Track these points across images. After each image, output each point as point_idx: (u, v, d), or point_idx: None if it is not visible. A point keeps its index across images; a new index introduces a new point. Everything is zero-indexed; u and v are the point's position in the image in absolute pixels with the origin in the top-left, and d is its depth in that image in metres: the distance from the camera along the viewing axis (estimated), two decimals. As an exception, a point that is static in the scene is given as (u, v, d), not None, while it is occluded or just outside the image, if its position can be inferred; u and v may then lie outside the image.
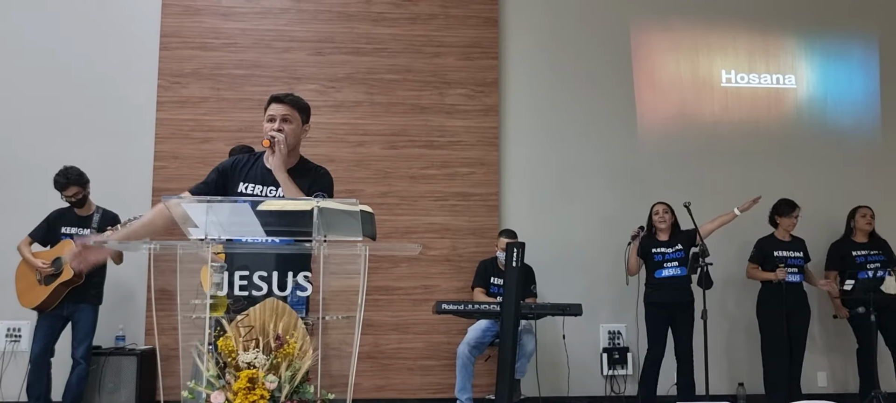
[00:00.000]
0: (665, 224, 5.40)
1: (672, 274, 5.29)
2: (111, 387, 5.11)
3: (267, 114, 2.99)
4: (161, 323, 3.91)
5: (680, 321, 5.27)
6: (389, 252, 5.55)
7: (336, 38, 6.02)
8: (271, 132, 2.88)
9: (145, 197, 5.65)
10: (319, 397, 2.31)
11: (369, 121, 5.97)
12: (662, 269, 5.31)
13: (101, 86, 5.80)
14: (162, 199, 2.40)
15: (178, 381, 2.42)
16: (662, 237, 5.41)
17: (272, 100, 3.01)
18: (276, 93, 3.04)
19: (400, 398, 5.72)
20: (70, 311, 4.85)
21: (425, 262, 5.86)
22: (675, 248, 5.35)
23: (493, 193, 6.03)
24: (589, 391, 5.86)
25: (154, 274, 2.83)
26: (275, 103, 2.99)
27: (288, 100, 3.00)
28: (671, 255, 5.33)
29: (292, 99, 3.02)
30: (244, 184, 2.91)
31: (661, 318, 5.27)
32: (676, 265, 5.31)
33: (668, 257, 5.33)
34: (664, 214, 5.41)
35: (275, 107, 2.97)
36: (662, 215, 5.40)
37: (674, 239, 5.40)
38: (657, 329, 5.27)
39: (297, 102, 3.02)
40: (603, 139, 6.20)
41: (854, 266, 5.52)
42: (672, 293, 5.26)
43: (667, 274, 5.29)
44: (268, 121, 2.97)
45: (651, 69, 6.38)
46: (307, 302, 2.50)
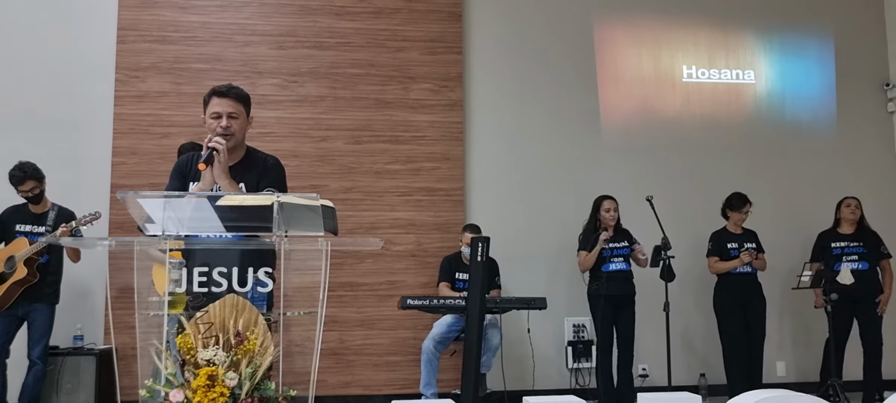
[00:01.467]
0: (613, 220, 5.44)
1: (618, 269, 5.35)
2: (69, 388, 5.00)
3: (210, 110, 2.83)
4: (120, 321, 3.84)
5: (623, 314, 5.34)
6: (352, 247, 5.51)
7: (298, 31, 5.96)
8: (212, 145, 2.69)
9: (103, 193, 5.54)
10: (281, 394, 2.28)
11: (333, 115, 5.93)
12: (610, 263, 5.35)
13: (57, 80, 5.66)
14: (117, 195, 2.35)
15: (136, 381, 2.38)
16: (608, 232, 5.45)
17: (214, 94, 2.84)
18: (217, 87, 2.88)
19: (365, 394, 5.70)
20: (25, 311, 4.73)
21: (390, 258, 5.84)
22: (621, 244, 5.41)
23: (457, 188, 6.03)
24: (554, 384, 5.90)
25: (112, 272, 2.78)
26: (218, 97, 2.83)
27: (232, 93, 2.85)
28: (618, 251, 5.38)
29: (236, 92, 2.87)
30: (193, 183, 2.82)
31: (609, 310, 5.32)
32: (622, 260, 5.37)
33: (615, 252, 5.37)
34: (614, 212, 5.44)
35: (219, 102, 2.82)
36: (612, 212, 5.44)
37: (619, 234, 5.45)
38: (606, 320, 5.32)
39: (240, 95, 2.88)
40: (567, 134, 6.24)
41: (831, 257, 5.60)
42: (617, 286, 5.31)
43: (614, 269, 5.34)
44: (213, 118, 2.82)
45: (614, 64, 6.44)
46: (269, 298, 2.46)
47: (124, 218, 5.41)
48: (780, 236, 6.06)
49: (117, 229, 5.42)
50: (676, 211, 5.88)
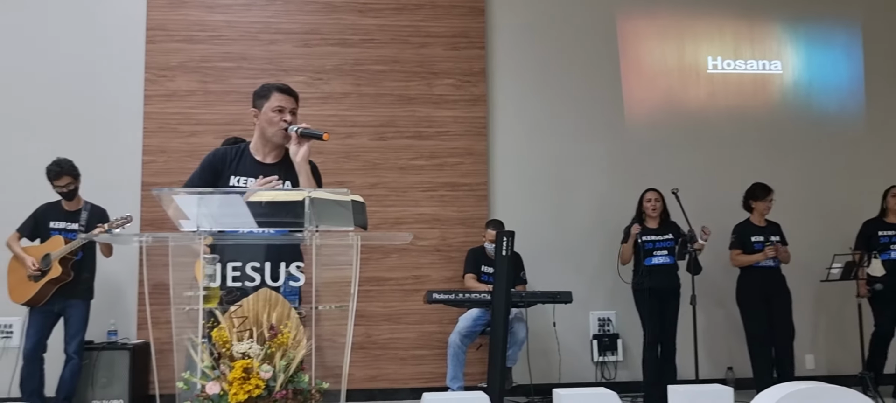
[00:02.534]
0: (656, 212, 5.43)
1: (661, 263, 5.33)
2: (104, 382, 5.11)
3: (274, 104, 2.95)
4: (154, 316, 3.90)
5: (667, 307, 5.32)
6: (380, 241, 5.56)
7: (323, 29, 6.01)
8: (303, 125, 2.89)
9: (134, 191, 5.64)
10: (314, 386, 2.32)
11: (357, 112, 5.97)
12: (652, 257, 5.34)
13: (88, 80, 5.76)
14: (152, 192, 2.40)
15: (172, 374, 2.43)
16: (652, 224, 5.45)
17: (280, 90, 2.98)
18: (278, 84, 3.02)
19: (392, 387, 5.75)
20: (61, 307, 4.84)
21: (415, 252, 5.88)
22: (665, 237, 5.39)
23: (481, 183, 6.05)
24: (580, 377, 5.91)
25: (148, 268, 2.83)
26: (283, 94, 2.97)
27: (291, 92, 3.02)
28: (661, 244, 5.36)
29: (295, 92, 3.04)
30: (235, 177, 2.90)
31: (653, 303, 5.31)
32: (666, 253, 5.35)
33: (658, 245, 5.36)
34: (656, 202, 5.44)
35: (283, 97, 2.96)
36: (654, 203, 5.43)
37: (664, 227, 5.43)
38: (651, 314, 5.31)
39: (296, 95, 3.05)
40: (590, 127, 6.23)
41: (878, 246, 5.52)
42: (661, 279, 5.30)
43: (656, 263, 5.32)
44: (276, 111, 2.94)
45: (637, 57, 6.41)
46: (300, 292, 2.51)
47: (155, 216, 5.53)
48: (807, 229, 6.00)
49: (148, 226, 5.52)
50: (703, 204, 5.85)
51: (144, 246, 2.38)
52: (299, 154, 2.88)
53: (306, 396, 2.28)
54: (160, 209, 5.55)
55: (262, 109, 2.97)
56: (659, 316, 5.32)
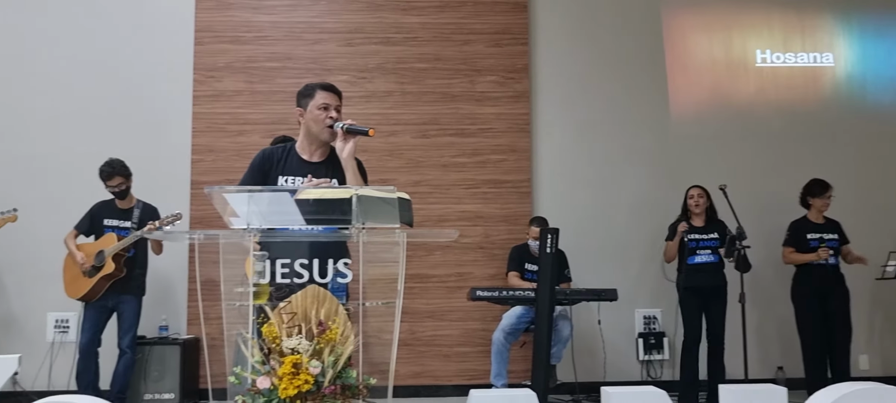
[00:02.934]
0: (700, 208, 5.34)
1: (706, 261, 5.24)
2: (156, 376, 5.23)
3: (319, 101, 2.99)
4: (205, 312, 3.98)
5: (713, 306, 5.23)
6: (426, 238, 5.58)
7: (366, 28, 6.05)
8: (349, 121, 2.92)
9: (183, 190, 5.76)
10: (361, 382, 2.34)
11: (400, 110, 6.01)
12: (696, 255, 5.25)
13: (139, 81, 5.90)
14: (205, 190, 2.45)
15: (223, 368, 2.48)
16: (697, 222, 5.36)
17: (324, 88, 3.02)
18: (322, 83, 3.06)
19: (436, 384, 5.77)
20: (115, 302, 4.97)
21: (458, 250, 5.88)
22: (711, 236, 5.30)
23: (524, 180, 6.03)
24: (625, 376, 5.85)
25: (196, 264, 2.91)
26: (328, 92, 3.01)
27: (336, 90, 3.06)
28: (705, 242, 5.27)
29: (339, 89, 3.08)
30: (283, 177, 2.95)
31: (696, 303, 5.23)
32: (710, 252, 5.26)
33: (702, 244, 5.27)
34: (699, 198, 5.35)
35: (328, 95, 3.01)
36: (697, 199, 5.35)
37: (709, 225, 5.34)
38: (692, 314, 5.24)
39: (340, 93, 3.09)
40: (635, 122, 6.16)
41: None
42: (706, 278, 5.21)
43: (700, 261, 5.23)
44: (321, 108, 2.98)
45: (683, 51, 6.31)
46: (347, 288, 2.53)
47: (203, 213, 5.64)
48: (861, 226, 5.81)
49: (197, 224, 5.63)
50: (752, 201, 5.74)
51: (196, 244, 2.43)
52: (346, 150, 2.91)
53: (354, 391, 2.31)
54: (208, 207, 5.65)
55: (307, 108, 3.01)
56: (702, 316, 5.23)
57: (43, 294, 5.46)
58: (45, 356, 5.43)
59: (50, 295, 5.32)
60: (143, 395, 5.18)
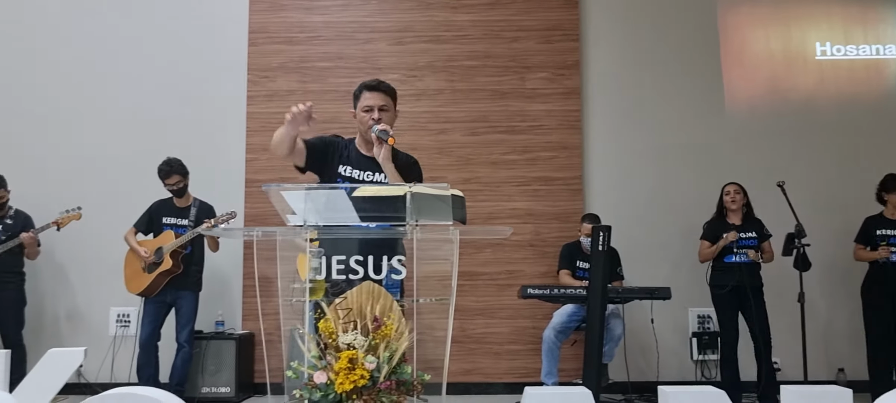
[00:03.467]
0: (737, 205, 5.21)
1: (742, 260, 5.10)
2: (213, 370, 5.36)
3: (362, 104, 3.03)
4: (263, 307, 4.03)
5: (751, 305, 5.07)
6: (480, 236, 5.57)
7: (416, 26, 6.08)
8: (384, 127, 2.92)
9: (238, 188, 5.88)
10: (416, 378, 2.36)
11: (450, 108, 6.02)
12: (733, 255, 5.12)
13: (195, 83, 6.04)
14: (262, 188, 2.50)
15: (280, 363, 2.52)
16: (733, 220, 5.23)
17: (365, 88, 3.04)
18: (367, 82, 3.07)
19: (486, 382, 5.77)
20: (173, 297, 5.11)
21: (509, 247, 5.87)
22: (748, 235, 5.16)
23: (575, 177, 5.98)
24: (679, 376, 5.76)
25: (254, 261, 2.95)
26: (369, 92, 3.02)
27: (383, 88, 3.04)
28: (743, 241, 5.14)
29: (386, 86, 3.06)
30: (343, 166, 3.01)
31: (729, 302, 5.11)
32: (746, 252, 5.13)
33: (740, 243, 5.13)
34: (736, 195, 5.22)
35: (370, 95, 3.02)
36: (734, 195, 5.22)
37: (747, 223, 5.21)
38: (726, 312, 5.13)
39: (389, 90, 3.08)
40: (689, 118, 6.05)
41: None
42: (739, 277, 5.06)
43: (736, 260, 5.10)
44: (365, 111, 3.01)
45: (739, 44, 6.18)
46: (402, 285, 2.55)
47: (258, 211, 5.75)
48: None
49: (251, 221, 5.74)
50: (814, 197, 5.59)
51: (255, 240, 2.48)
52: (380, 154, 2.94)
53: (409, 387, 2.33)
54: (262, 204, 5.79)
55: (356, 109, 3.08)
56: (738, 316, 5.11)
57: (105, 289, 5.65)
58: (107, 349, 5.60)
59: (112, 291, 5.50)
60: (201, 388, 5.31)
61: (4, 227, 5.20)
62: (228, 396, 5.32)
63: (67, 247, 5.76)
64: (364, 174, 2.99)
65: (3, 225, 5.21)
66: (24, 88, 6.01)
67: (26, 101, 5.99)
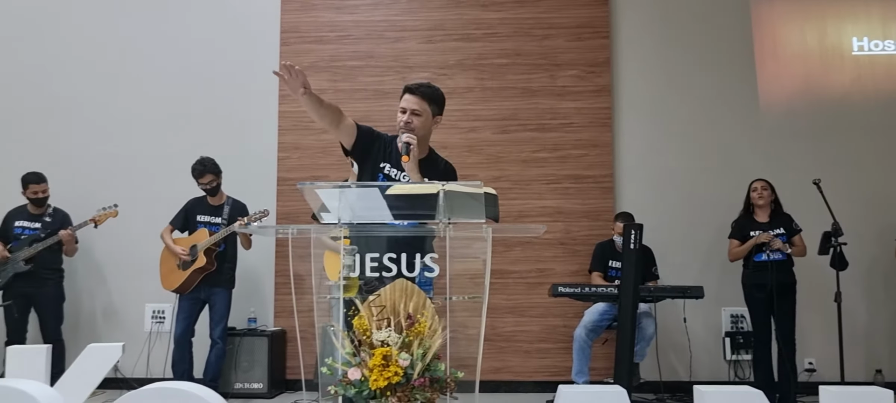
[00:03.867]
0: (764, 201, 5.13)
1: (773, 258, 5.01)
2: (245, 366, 5.42)
3: (400, 105, 3.03)
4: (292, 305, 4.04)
5: (779, 305, 5.00)
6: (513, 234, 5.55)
7: (446, 24, 6.09)
8: (408, 138, 2.89)
9: (270, 186, 5.94)
10: (449, 375, 2.37)
11: (480, 106, 6.01)
12: (761, 252, 5.05)
13: (228, 82, 6.11)
14: (297, 186, 2.53)
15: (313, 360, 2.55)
16: (761, 217, 5.16)
17: (405, 89, 3.03)
18: (409, 84, 3.06)
19: (516, 380, 5.76)
20: (207, 294, 5.18)
21: (539, 246, 5.85)
22: (777, 232, 5.09)
23: (606, 175, 5.94)
24: (711, 376, 5.69)
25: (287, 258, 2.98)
26: (407, 94, 3.01)
27: (419, 91, 3.00)
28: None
29: (424, 90, 3.01)
30: (384, 162, 3.02)
31: (761, 301, 5.05)
32: (776, 249, 5.05)
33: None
34: (763, 191, 5.15)
35: (407, 98, 3.00)
36: (761, 192, 5.15)
37: (775, 219, 5.13)
38: (758, 311, 5.07)
39: (427, 94, 3.02)
40: (722, 116, 5.98)
41: None
42: (771, 275, 4.97)
43: (766, 258, 5.02)
44: (400, 112, 3.01)
45: (774, 40, 6.08)
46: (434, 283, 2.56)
47: (289, 209, 5.80)
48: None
49: (283, 219, 5.80)
50: (851, 196, 5.49)
51: (290, 238, 2.50)
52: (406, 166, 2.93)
53: (442, 385, 2.33)
54: (294, 203, 5.84)
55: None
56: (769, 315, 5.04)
57: (141, 286, 5.75)
58: (143, 345, 5.70)
59: (147, 287, 5.60)
60: (234, 384, 5.37)
61: (43, 225, 5.32)
62: (261, 392, 5.38)
63: (104, 245, 5.87)
64: (401, 174, 2.98)
65: (43, 224, 5.33)
66: (63, 90, 6.13)
67: (65, 102, 6.12)
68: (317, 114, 2.92)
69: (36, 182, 5.34)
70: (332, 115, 2.94)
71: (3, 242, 5.30)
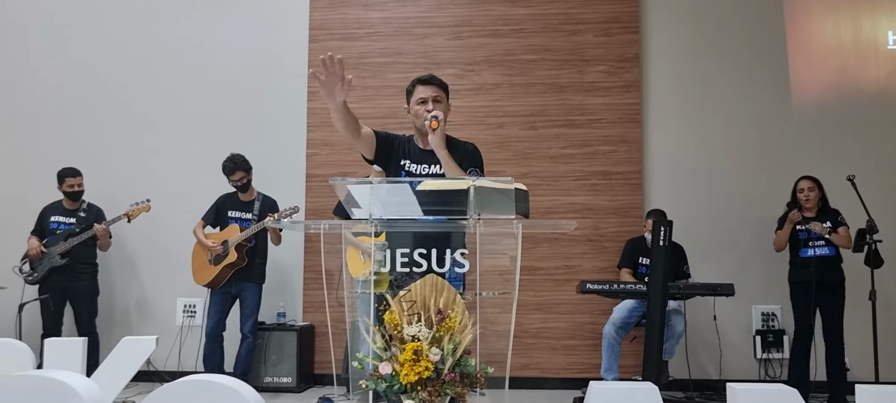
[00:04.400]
0: (811, 202, 5.06)
1: (819, 254, 4.96)
2: (275, 360, 5.48)
3: (416, 97, 3.09)
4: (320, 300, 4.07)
5: (827, 302, 4.94)
6: (544, 229, 5.55)
7: (474, 21, 6.08)
8: (434, 112, 2.96)
9: (299, 183, 5.99)
10: (480, 371, 2.37)
11: (508, 102, 6.00)
12: (808, 248, 4.98)
13: (258, 79, 6.17)
14: (329, 181, 2.55)
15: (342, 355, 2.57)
16: (808, 214, 5.08)
17: (418, 82, 3.10)
18: (420, 77, 3.14)
19: (543, 376, 5.75)
20: (237, 289, 5.25)
21: (567, 242, 5.83)
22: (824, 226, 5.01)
23: (635, 171, 5.89)
24: (741, 374, 5.63)
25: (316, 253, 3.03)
26: (423, 85, 3.09)
27: (435, 81, 3.10)
28: (818, 234, 4.99)
29: (438, 80, 3.12)
30: (404, 159, 3.05)
31: (806, 298, 4.97)
32: (823, 244, 4.98)
33: (813, 235, 4.99)
34: (810, 193, 5.07)
35: (424, 89, 3.08)
36: (808, 193, 5.07)
37: (821, 216, 5.06)
38: (802, 309, 5.00)
39: (442, 83, 3.14)
40: (753, 111, 5.90)
41: None
42: (818, 272, 4.92)
43: (813, 254, 4.95)
44: (419, 103, 3.06)
45: (807, 34, 5.99)
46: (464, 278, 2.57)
47: (318, 205, 5.85)
48: None
49: (312, 215, 5.84)
50: (887, 192, 5.39)
51: (322, 233, 2.52)
52: (433, 142, 2.97)
53: (473, 380, 2.34)
54: (323, 198, 5.88)
55: (410, 104, 3.13)
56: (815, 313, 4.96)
57: (172, 280, 5.83)
58: (174, 338, 5.78)
59: (179, 282, 5.68)
60: (263, 378, 5.43)
61: (78, 220, 5.42)
62: (290, 386, 5.44)
63: (137, 240, 5.97)
64: (421, 167, 3.03)
65: (77, 218, 5.44)
66: (98, 88, 6.24)
67: (100, 100, 6.22)
68: (343, 122, 2.95)
69: (71, 175, 5.45)
70: (356, 125, 3.00)
71: (40, 237, 5.42)
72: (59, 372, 2.24)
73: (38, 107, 6.24)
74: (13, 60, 6.31)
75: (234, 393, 2.04)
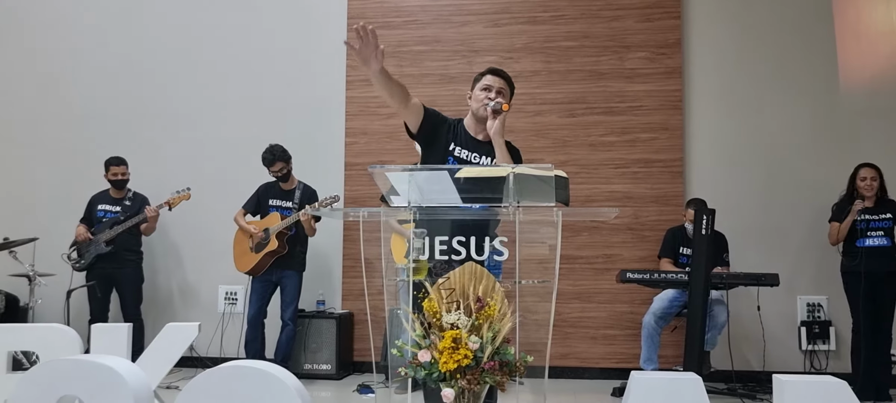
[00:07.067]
0: (872, 190, 4.92)
1: (876, 244, 4.83)
2: (314, 347, 5.54)
3: (482, 83, 3.09)
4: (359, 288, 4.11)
5: (881, 293, 4.81)
6: (584, 217, 5.50)
7: (513, 8, 6.03)
8: (498, 100, 2.99)
9: (338, 171, 6.02)
10: (519, 359, 2.36)
11: (547, 89, 5.95)
12: (865, 238, 4.85)
13: (297, 68, 6.21)
14: (368, 169, 2.55)
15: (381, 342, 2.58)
16: (867, 204, 4.94)
17: (490, 71, 3.13)
18: (493, 66, 3.19)
19: (582, 366, 5.71)
20: (278, 277, 5.31)
21: (606, 231, 5.77)
22: (883, 217, 4.87)
23: (676, 159, 5.80)
24: (786, 366, 5.51)
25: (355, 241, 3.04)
26: (493, 75, 3.11)
27: (503, 74, 3.13)
28: (876, 224, 4.85)
29: (508, 76, 3.16)
30: (453, 145, 3.05)
31: (863, 290, 4.83)
32: (882, 234, 4.84)
33: (872, 225, 4.85)
34: (873, 182, 4.92)
35: (493, 78, 3.10)
36: (870, 182, 4.91)
37: (881, 206, 4.91)
38: (854, 299, 4.87)
39: (510, 80, 3.16)
40: (799, 97, 5.75)
41: None
42: (873, 263, 4.79)
43: (870, 244, 4.83)
44: (483, 89, 3.07)
45: (856, 17, 5.81)
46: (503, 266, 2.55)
47: (357, 193, 5.88)
48: None
49: (350, 203, 5.87)
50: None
51: (361, 221, 2.53)
52: (493, 128, 2.99)
53: (512, 368, 2.33)
54: (362, 187, 5.90)
55: (473, 90, 3.13)
56: (872, 303, 4.83)
57: (214, 268, 5.92)
58: (216, 325, 5.88)
59: (220, 269, 5.77)
60: (303, 365, 5.50)
61: (123, 208, 5.54)
62: (329, 372, 5.49)
63: (180, 228, 6.08)
64: (472, 155, 3.03)
65: (123, 207, 5.55)
66: (142, 79, 6.35)
67: (145, 90, 6.33)
68: (386, 90, 2.96)
69: (117, 164, 5.57)
70: (402, 93, 3.01)
71: (88, 225, 5.55)
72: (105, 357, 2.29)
73: (86, 99, 6.38)
74: (63, 54, 6.46)
75: (275, 379, 2.06)
